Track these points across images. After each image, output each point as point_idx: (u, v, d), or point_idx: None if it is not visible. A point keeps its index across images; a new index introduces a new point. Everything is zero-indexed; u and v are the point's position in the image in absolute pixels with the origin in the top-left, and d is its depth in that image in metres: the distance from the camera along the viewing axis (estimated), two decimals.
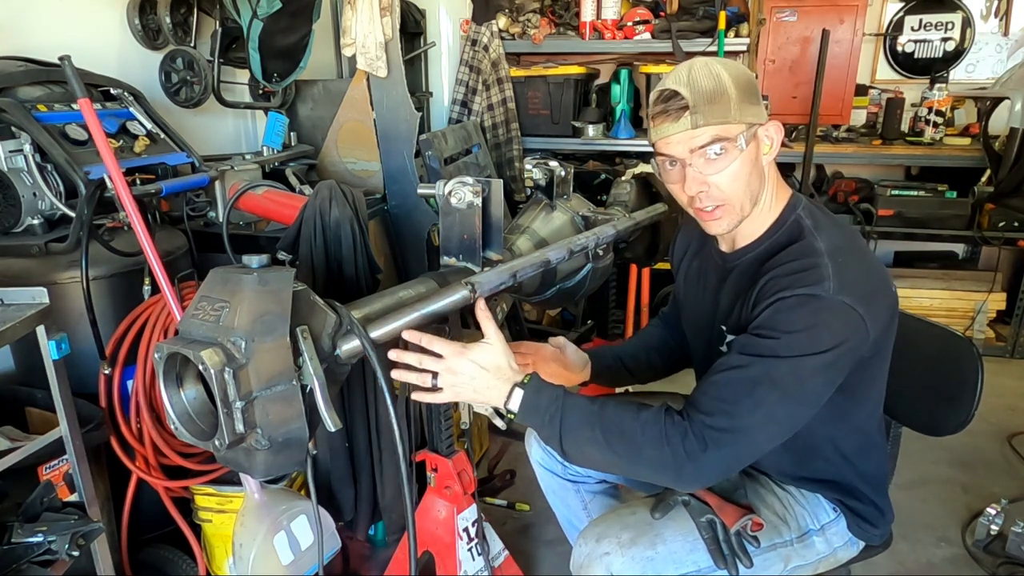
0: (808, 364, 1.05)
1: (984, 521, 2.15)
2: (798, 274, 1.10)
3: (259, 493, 1.67)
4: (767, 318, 1.09)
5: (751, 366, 1.07)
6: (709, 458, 1.05)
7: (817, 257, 1.11)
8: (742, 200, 1.19)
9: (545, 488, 1.66)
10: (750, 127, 1.14)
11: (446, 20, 3.38)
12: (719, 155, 1.14)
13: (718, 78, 1.12)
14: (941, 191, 3.50)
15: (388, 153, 2.78)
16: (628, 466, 1.13)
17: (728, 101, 1.12)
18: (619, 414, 1.10)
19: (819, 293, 1.06)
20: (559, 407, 1.11)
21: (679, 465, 1.06)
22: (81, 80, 1.53)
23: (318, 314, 1.06)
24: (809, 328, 1.06)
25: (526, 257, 1.46)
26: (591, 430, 1.09)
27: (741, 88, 1.13)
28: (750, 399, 1.06)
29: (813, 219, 1.20)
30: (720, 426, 1.05)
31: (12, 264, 1.68)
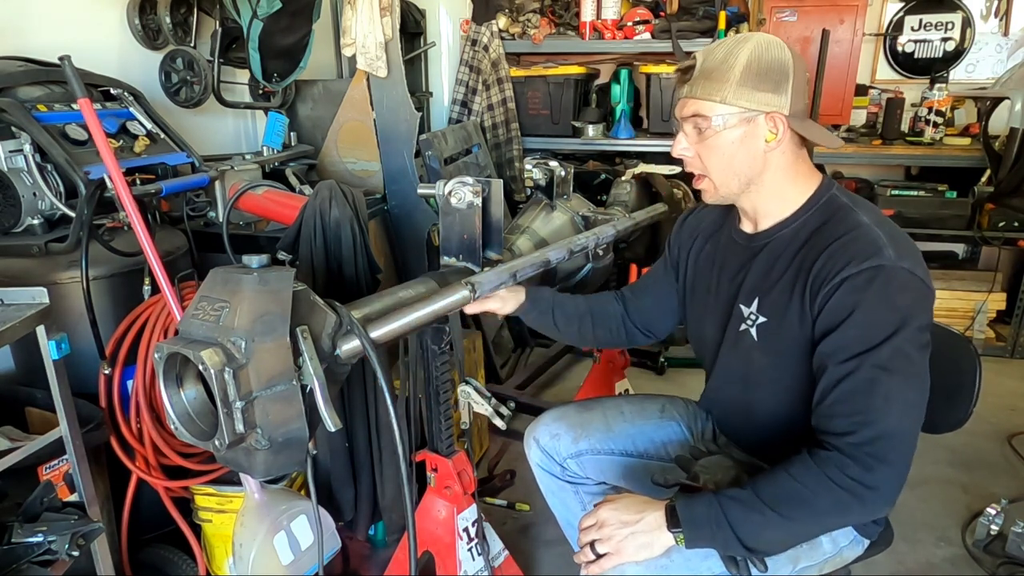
0: (903, 339, 1.04)
1: (984, 521, 2.15)
2: (853, 246, 1.09)
3: (259, 493, 1.67)
4: (840, 300, 1.08)
5: (858, 368, 1.05)
6: (881, 475, 1.03)
7: (866, 229, 1.10)
8: (722, 178, 1.21)
9: (544, 490, 1.65)
10: (745, 112, 1.13)
11: (446, 20, 3.38)
12: (698, 129, 1.17)
13: (731, 56, 1.12)
14: (941, 191, 3.51)
15: (388, 153, 2.78)
16: (813, 527, 1.12)
17: (724, 80, 1.12)
18: (773, 484, 1.07)
19: (883, 263, 1.06)
20: (719, 510, 1.07)
21: (859, 497, 1.03)
22: (81, 80, 1.52)
23: (318, 314, 1.06)
24: (886, 301, 1.05)
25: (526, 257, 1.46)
26: (760, 514, 1.06)
27: (752, 72, 1.12)
28: (877, 398, 1.04)
29: (848, 197, 1.20)
30: (869, 438, 1.03)
31: (12, 264, 1.68)
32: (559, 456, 1.56)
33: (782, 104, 1.13)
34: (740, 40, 1.14)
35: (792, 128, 1.16)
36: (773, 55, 1.12)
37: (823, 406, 1.10)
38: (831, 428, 1.07)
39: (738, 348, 1.30)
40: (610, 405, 1.60)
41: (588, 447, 1.54)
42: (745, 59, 1.12)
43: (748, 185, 1.21)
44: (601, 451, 1.54)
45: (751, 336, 1.26)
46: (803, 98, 1.15)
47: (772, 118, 1.15)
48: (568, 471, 1.58)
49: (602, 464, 1.54)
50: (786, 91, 1.13)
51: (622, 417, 1.56)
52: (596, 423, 1.55)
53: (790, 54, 1.13)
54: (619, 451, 1.54)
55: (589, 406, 1.61)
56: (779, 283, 1.20)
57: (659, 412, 1.58)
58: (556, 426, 1.57)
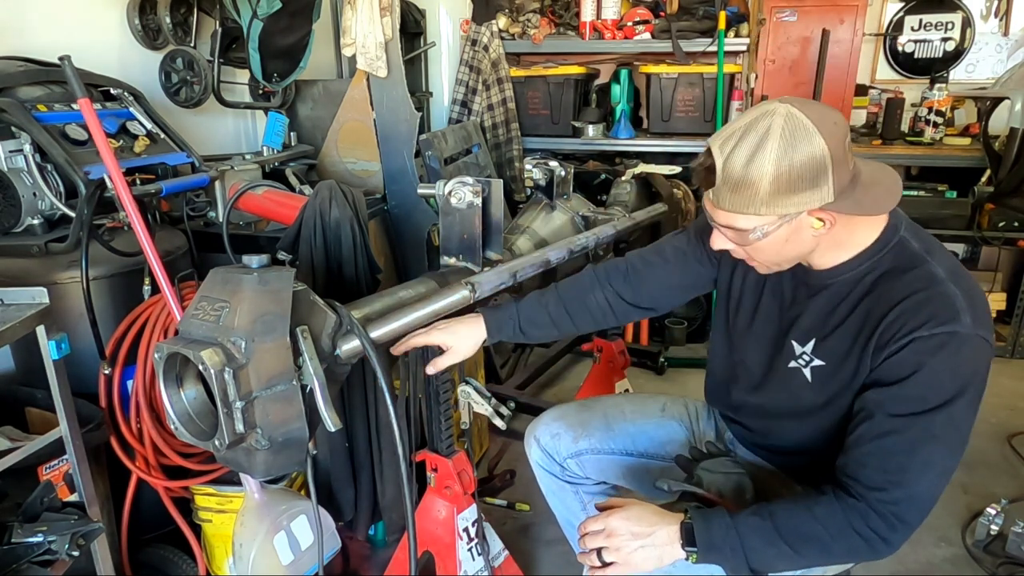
0: (959, 408, 1.02)
1: (984, 521, 2.15)
2: (929, 308, 1.04)
3: (259, 493, 1.67)
4: (904, 359, 1.04)
5: (908, 428, 1.03)
6: (900, 534, 1.04)
7: (943, 286, 1.05)
8: (776, 262, 1.15)
9: (544, 489, 1.65)
10: (782, 218, 1.04)
11: (446, 20, 3.38)
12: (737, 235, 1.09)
13: (755, 166, 1.00)
14: (941, 191, 3.50)
15: (388, 153, 2.78)
16: (820, 563, 1.14)
17: (754, 194, 1.01)
18: (793, 518, 1.07)
19: (958, 330, 1.01)
20: (736, 535, 1.07)
21: (873, 547, 1.05)
22: (81, 80, 1.52)
23: (318, 314, 1.06)
24: (954, 370, 1.02)
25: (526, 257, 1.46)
26: (775, 547, 1.07)
27: (783, 182, 0.99)
28: (917, 461, 1.03)
29: (920, 240, 1.13)
30: (897, 499, 1.03)
31: (12, 264, 1.68)
32: (559, 456, 1.56)
33: (825, 196, 1.01)
34: (760, 137, 0.99)
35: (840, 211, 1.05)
36: (803, 153, 0.98)
37: (859, 452, 1.08)
38: (862, 478, 1.06)
39: (787, 384, 1.26)
40: (611, 404, 1.60)
41: (588, 446, 1.54)
42: (772, 170, 0.99)
43: (800, 260, 1.17)
44: (601, 450, 1.54)
45: (803, 376, 1.21)
46: (847, 166, 1.02)
47: (814, 214, 1.05)
48: (568, 471, 1.58)
49: (602, 463, 1.55)
50: (827, 181, 1.00)
51: (623, 416, 1.56)
52: (596, 422, 1.55)
53: (821, 141, 0.98)
54: (619, 450, 1.54)
55: (589, 405, 1.61)
56: (840, 329, 1.15)
57: (660, 411, 1.58)
58: (556, 425, 1.57)
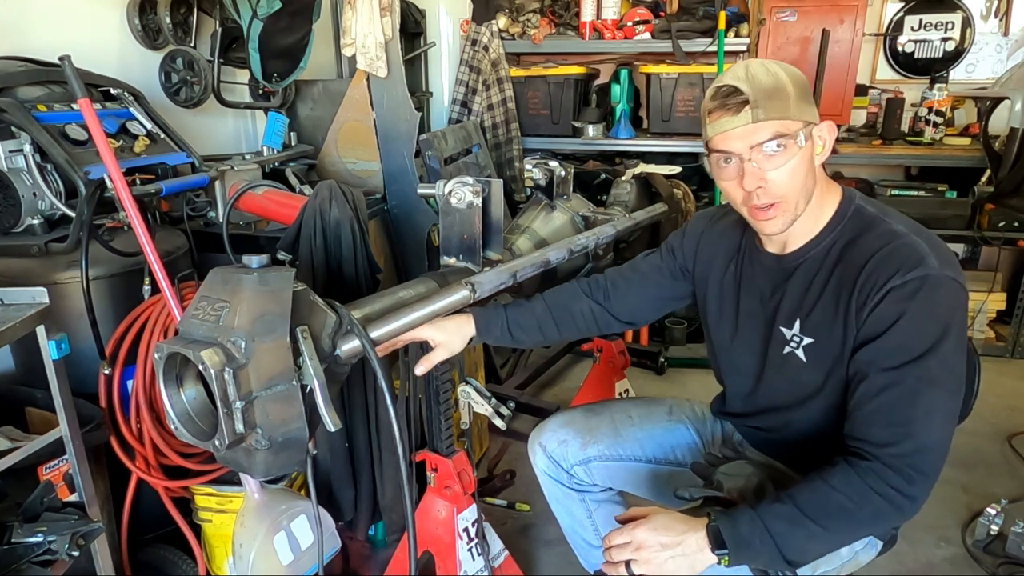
0: (948, 349, 1.05)
1: (984, 521, 2.15)
2: (896, 257, 1.09)
3: (259, 493, 1.67)
4: (884, 311, 1.08)
5: (903, 378, 1.06)
6: (920, 487, 1.05)
7: (905, 238, 1.11)
8: (797, 198, 1.17)
9: (549, 497, 1.63)
10: (807, 125, 1.13)
11: (446, 20, 3.38)
12: (777, 151, 1.12)
13: (776, 76, 1.12)
14: (941, 191, 3.51)
15: (388, 153, 2.78)
16: (853, 536, 1.14)
17: (788, 98, 1.11)
18: (814, 494, 1.07)
19: (928, 272, 1.06)
20: (762, 525, 1.06)
21: (898, 507, 1.05)
22: (81, 80, 1.52)
23: (318, 314, 1.06)
24: (930, 310, 1.06)
25: (526, 257, 1.46)
26: (804, 528, 1.06)
27: (798, 87, 1.13)
28: (920, 410, 1.05)
29: (874, 207, 1.19)
30: (911, 450, 1.04)
31: (12, 264, 1.68)
32: (567, 463, 1.54)
33: (818, 115, 1.16)
34: (762, 63, 1.14)
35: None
36: (796, 72, 1.15)
37: (861, 414, 1.09)
38: (870, 437, 1.07)
39: (785, 371, 1.27)
40: (617, 409, 1.59)
41: (597, 453, 1.52)
42: (787, 76, 1.12)
43: (808, 203, 1.19)
44: (610, 457, 1.52)
45: (798, 358, 1.23)
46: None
47: (820, 128, 1.16)
48: (575, 478, 1.56)
49: (611, 470, 1.53)
50: (813, 103, 1.16)
51: (630, 421, 1.54)
52: (604, 428, 1.53)
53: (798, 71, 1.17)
54: (628, 456, 1.52)
55: (596, 411, 1.59)
56: (819, 302, 1.18)
57: (667, 415, 1.57)
58: (564, 432, 1.55)
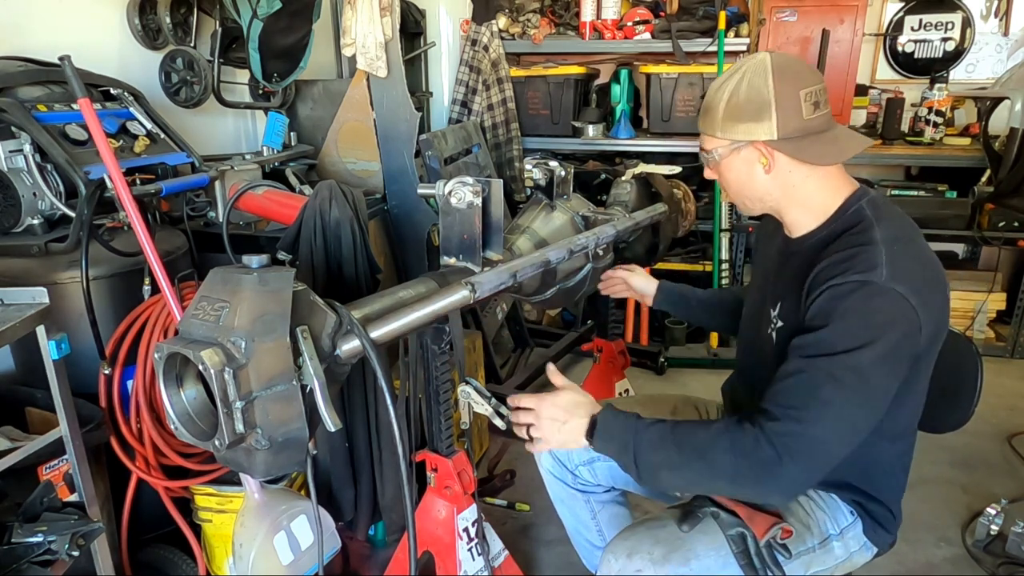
0: (866, 357, 1.04)
1: (984, 521, 2.15)
2: (851, 260, 1.09)
3: (259, 493, 1.67)
4: (820, 306, 1.09)
5: (812, 368, 1.06)
6: (787, 469, 1.04)
7: (873, 246, 1.10)
8: (739, 198, 1.29)
9: (553, 497, 1.64)
10: (732, 143, 1.20)
11: (446, 20, 3.38)
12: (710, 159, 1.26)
13: (719, 91, 1.19)
14: (941, 191, 3.50)
15: (388, 153, 2.78)
16: (707, 483, 1.14)
17: (714, 116, 1.20)
18: (691, 431, 1.11)
19: (871, 279, 1.06)
20: (632, 432, 1.13)
21: (757, 476, 1.06)
22: (81, 80, 1.53)
23: (318, 314, 1.06)
24: (862, 316, 1.05)
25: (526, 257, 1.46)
26: (665, 452, 1.11)
27: (732, 106, 1.17)
28: (816, 401, 1.05)
29: (875, 210, 1.18)
30: (789, 431, 1.04)
31: (12, 264, 1.68)
32: (571, 463, 1.56)
33: (765, 132, 1.15)
34: (732, 72, 1.19)
35: (781, 151, 1.16)
36: (753, 85, 1.14)
37: (770, 391, 1.11)
38: (766, 410, 1.09)
39: (760, 352, 1.31)
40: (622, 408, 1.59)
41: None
42: (727, 94, 1.17)
43: (763, 203, 1.27)
44: None
45: (772, 340, 1.27)
46: (799, 116, 1.14)
47: (756, 147, 1.18)
48: (580, 478, 1.57)
49: (614, 469, 1.53)
50: (769, 118, 1.14)
51: None
52: None
53: (772, 80, 1.13)
54: None
55: None
56: (793, 288, 1.21)
57: (671, 414, 1.58)
58: None
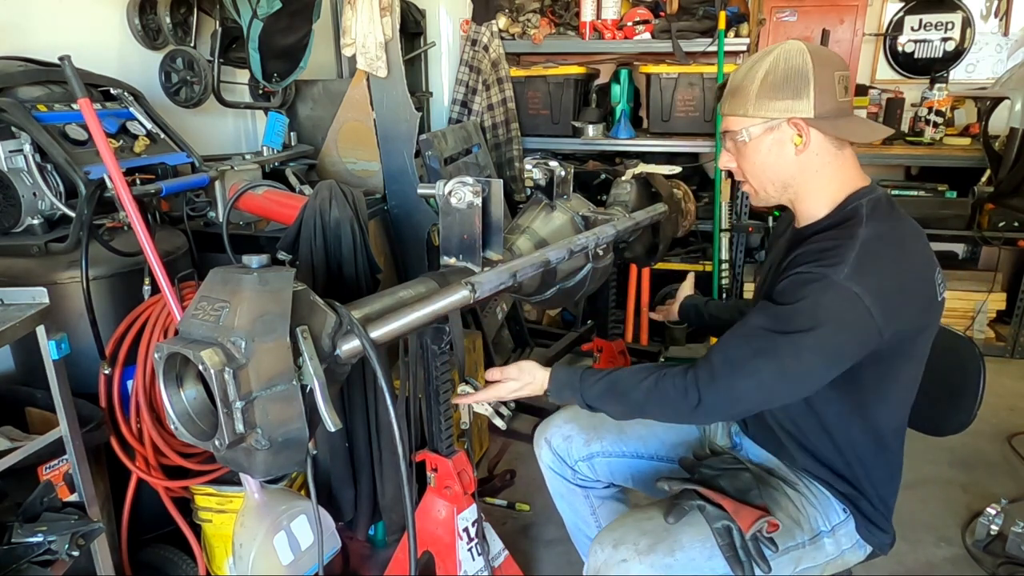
0: (806, 341, 1.09)
1: (984, 521, 2.15)
2: (822, 252, 1.13)
3: (259, 493, 1.67)
4: (784, 286, 1.15)
5: (757, 337, 1.14)
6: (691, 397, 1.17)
7: (850, 242, 1.12)
8: (761, 183, 1.27)
9: (553, 492, 1.65)
10: (767, 121, 1.18)
11: (446, 20, 3.38)
12: (733, 142, 1.25)
13: (752, 71, 1.19)
14: (941, 191, 3.50)
15: (388, 153, 2.78)
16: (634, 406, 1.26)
17: (746, 95, 1.19)
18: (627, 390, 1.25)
19: (829, 275, 1.09)
20: (578, 385, 1.30)
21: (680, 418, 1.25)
22: (81, 80, 1.53)
23: (318, 314, 1.06)
24: (812, 307, 1.09)
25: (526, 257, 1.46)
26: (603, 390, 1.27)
27: (769, 83, 1.17)
28: (748, 365, 1.14)
29: (873, 209, 1.19)
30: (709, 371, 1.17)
31: (12, 264, 1.68)
32: (571, 459, 1.57)
33: (803, 109, 1.16)
34: (764, 54, 1.19)
35: (819, 129, 1.17)
36: (792, 63, 1.15)
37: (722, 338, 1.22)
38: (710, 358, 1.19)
39: None
40: None
41: (600, 449, 1.54)
42: (763, 71, 1.17)
43: (785, 188, 1.26)
44: (613, 453, 1.54)
45: None
46: (834, 97, 1.16)
47: (794, 123, 1.18)
48: (579, 474, 1.58)
49: (613, 466, 1.55)
50: (807, 95, 1.15)
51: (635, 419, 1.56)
52: (609, 425, 1.55)
53: (810, 59, 1.14)
54: (631, 453, 1.54)
55: None
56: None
57: None
58: (568, 428, 1.57)
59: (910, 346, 1.19)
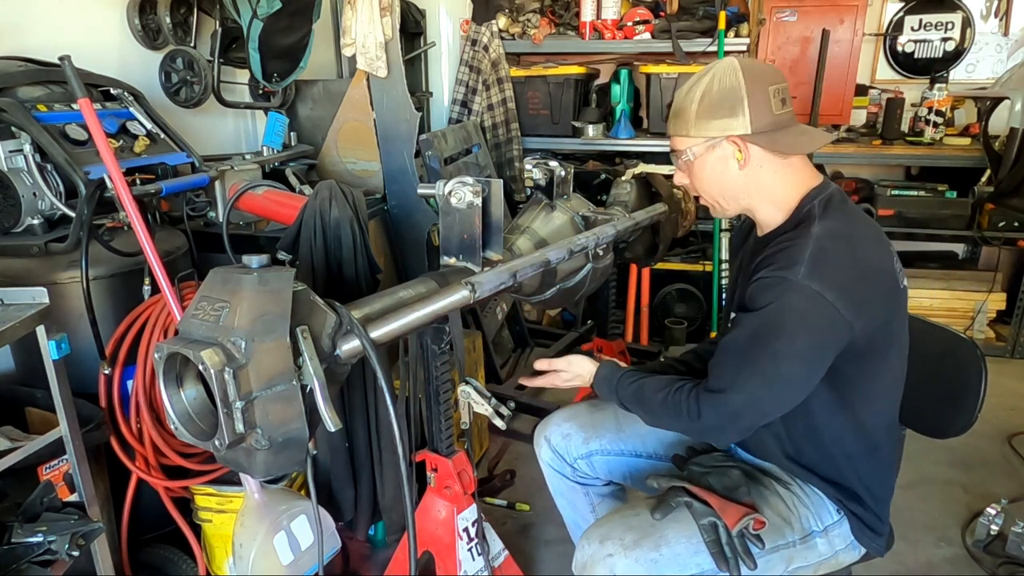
0: (780, 347, 1.13)
1: (984, 521, 2.15)
2: (778, 255, 1.16)
3: (259, 493, 1.67)
4: (749, 294, 1.18)
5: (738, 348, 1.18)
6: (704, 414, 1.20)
7: (803, 240, 1.15)
8: (713, 198, 1.32)
9: (553, 490, 1.66)
10: (707, 140, 1.23)
11: (446, 20, 3.38)
12: (680, 161, 1.29)
13: (689, 92, 1.24)
14: (941, 191, 3.50)
15: (388, 153, 2.78)
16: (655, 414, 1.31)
17: (687, 117, 1.24)
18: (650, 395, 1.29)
19: (788, 277, 1.12)
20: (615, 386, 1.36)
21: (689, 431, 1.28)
22: (81, 80, 1.53)
23: (318, 314, 1.06)
24: (776, 310, 1.12)
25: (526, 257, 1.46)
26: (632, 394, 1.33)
27: (706, 104, 1.21)
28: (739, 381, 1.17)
29: (824, 207, 1.22)
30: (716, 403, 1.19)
31: (12, 264, 1.68)
32: (570, 456, 1.57)
33: (740, 126, 1.20)
34: (701, 75, 1.24)
35: (757, 144, 1.21)
36: (725, 84, 1.20)
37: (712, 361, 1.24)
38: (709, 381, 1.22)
39: None
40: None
41: (599, 447, 1.55)
42: (699, 93, 1.22)
43: (739, 201, 1.29)
44: (612, 451, 1.55)
45: None
46: (770, 111, 1.20)
47: (732, 141, 1.22)
48: (579, 472, 1.59)
49: (612, 464, 1.55)
50: (743, 113, 1.19)
51: (633, 417, 1.56)
52: (607, 423, 1.56)
53: (743, 77, 1.19)
54: (629, 451, 1.55)
55: (600, 406, 1.61)
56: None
57: None
58: (568, 426, 1.58)
59: (883, 339, 1.20)
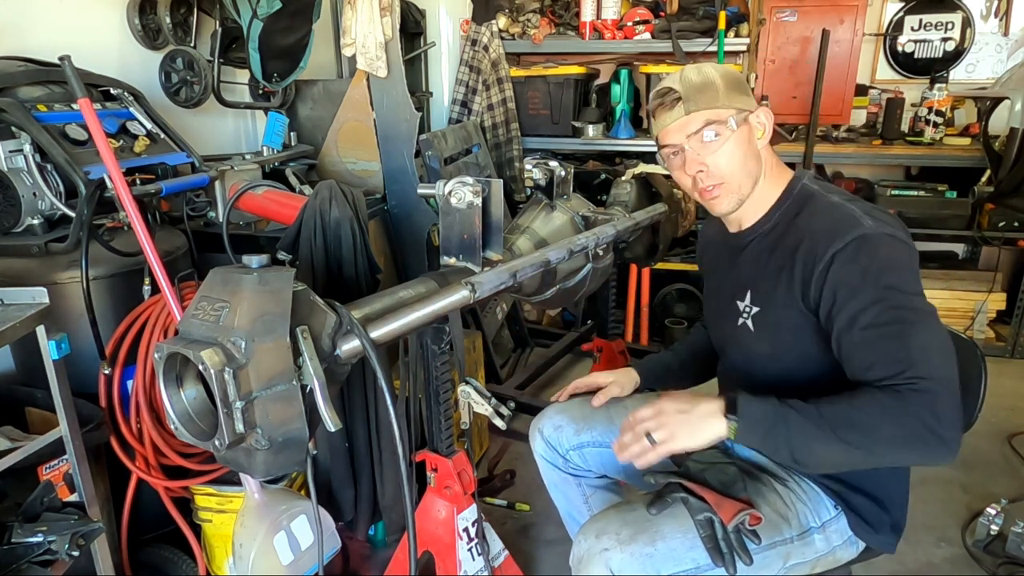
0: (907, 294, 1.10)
1: (984, 521, 2.15)
2: (835, 225, 1.16)
3: (259, 493, 1.67)
4: (840, 274, 1.13)
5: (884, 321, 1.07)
6: (942, 406, 1.02)
7: (840, 207, 1.20)
8: (739, 179, 1.28)
9: (547, 482, 1.67)
10: (740, 112, 1.25)
11: (446, 20, 3.38)
12: (712, 138, 1.25)
13: (705, 74, 1.26)
14: (941, 191, 3.50)
15: (388, 153, 2.78)
16: (867, 456, 1.07)
17: (716, 90, 1.25)
18: (836, 407, 1.07)
19: (864, 232, 1.12)
20: (780, 411, 1.08)
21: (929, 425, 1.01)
22: (81, 80, 1.53)
23: (318, 314, 1.06)
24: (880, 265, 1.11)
25: (526, 257, 1.46)
26: (818, 428, 1.06)
27: (728, 81, 1.26)
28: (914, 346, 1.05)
29: (818, 185, 1.29)
30: (917, 376, 1.04)
31: (12, 264, 1.68)
32: (562, 448, 1.59)
33: (754, 104, 1.29)
34: (695, 65, 1.30)
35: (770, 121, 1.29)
36: (730, 69, 1.29)
37: (861, 364, 1.10)
38: (878, 373, 1.07)
39: (740, 343, 1.37)
40: (614, 399, 1.61)
41: (590, 439, 1.56)
42: (717, 73, 1.26)
43: (755, 184, 1.30)
44: (603, 443, 1.55)
45: (748, 328, 1.32)
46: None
47: (757, 114, 1.27)
48: (571, 463, 1.60)
49: (603, 457, 1.56)
50: (750, 94, 1.29)
51: (625, 410, 1.56)
52: (599, 416, 1.57)
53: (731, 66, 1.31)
54: None
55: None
56: (765, 273, 1.28)
57: None
58: (560, 418, 1.60)
59: None
